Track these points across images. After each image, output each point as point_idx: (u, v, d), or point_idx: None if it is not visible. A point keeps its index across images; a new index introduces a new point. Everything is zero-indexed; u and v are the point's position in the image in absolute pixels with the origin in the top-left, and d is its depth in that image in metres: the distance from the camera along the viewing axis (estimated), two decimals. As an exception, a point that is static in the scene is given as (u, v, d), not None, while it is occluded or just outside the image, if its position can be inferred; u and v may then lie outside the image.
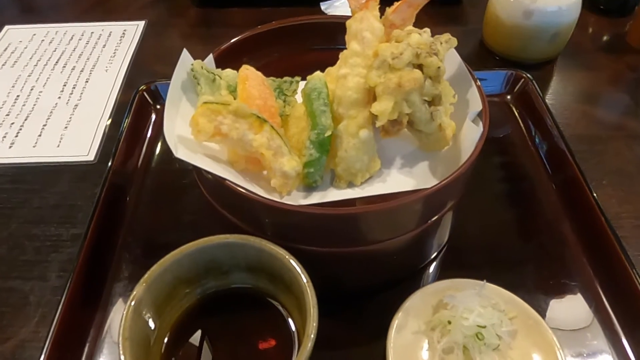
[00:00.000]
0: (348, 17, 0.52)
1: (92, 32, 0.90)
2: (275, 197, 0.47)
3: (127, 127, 0.66)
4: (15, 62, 0.83)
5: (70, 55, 0.85)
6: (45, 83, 0.79)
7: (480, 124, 0.49)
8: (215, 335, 0.44)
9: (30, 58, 0.84)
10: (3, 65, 0.83)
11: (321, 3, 0.94)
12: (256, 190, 0.46)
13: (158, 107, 0.72)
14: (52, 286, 0.54)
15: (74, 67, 0.82)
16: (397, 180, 0.51)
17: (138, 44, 0.88)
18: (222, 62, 0.57)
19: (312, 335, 0.38)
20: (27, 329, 0.51)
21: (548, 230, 0.58)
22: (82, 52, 0.85)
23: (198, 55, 0.83)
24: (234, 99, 0.50)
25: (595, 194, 0.58)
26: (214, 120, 0.45)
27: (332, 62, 0.54)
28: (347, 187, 0.50)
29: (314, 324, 0.38)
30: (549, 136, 0.66)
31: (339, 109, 0.48)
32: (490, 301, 0.47)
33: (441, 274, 0.54)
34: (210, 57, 0.57)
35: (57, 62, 0.83)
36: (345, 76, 0.49)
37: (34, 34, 0.89)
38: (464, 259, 0.56)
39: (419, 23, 0.87)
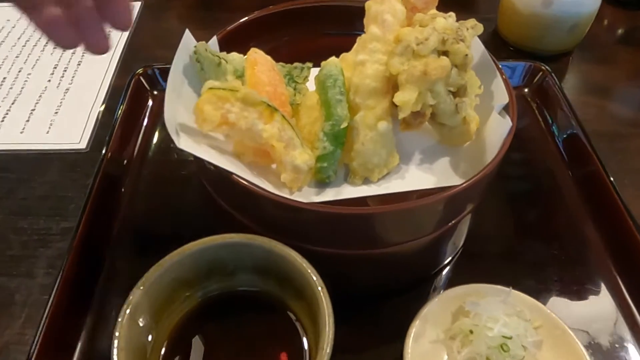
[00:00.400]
0: None
1: (85, 12, 0.84)
2: (284, 193, 0.43)
3: (122, 113, 0.62)
4: (2, 42, 0.79)
5: (62, 36, 0.79)
6: (34, 65, 0.74)
7: (508, 117, 0.46)
8: (217, 344, 0.40)
9: (19, 38, 0.79)
10: (-10, 45, 0.78)
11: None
12: (264, 185, 0.42)
13: (155, 92, 0.68)
14: (40, 284, 0.50)
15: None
16: (417, 177, 0.47)
17: (134, 25, 0.83)
18: (227, 45, 0.53)
19: (328, 349, 0.34)
20: (12, 330, 0.47)
21: (570, 232, 0.55)
22: (74, 33, 0.80)
23: (197, 39, 0.79)
24: (242, 85, 0.46)
25: (619, 193, 0.55)
26: (221, 108, 0.41)
27: (347, 48, 0.50)
28: (362, 184, 0.46)
29: (330, 337, 0.35)
30: (570, 132, 0.63)
31: (356, 98, 0.45)
32: (515, 309, 0.44)
33: (458, 278, 0.50)
34: (214, 39, 0.52)
35: (47, 42, 0.78)
36: (363, 63, 0.45)
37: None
38: (482, 262, 0.53)
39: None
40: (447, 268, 0.52)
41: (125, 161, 0.60)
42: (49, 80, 0.72)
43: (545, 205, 0.58)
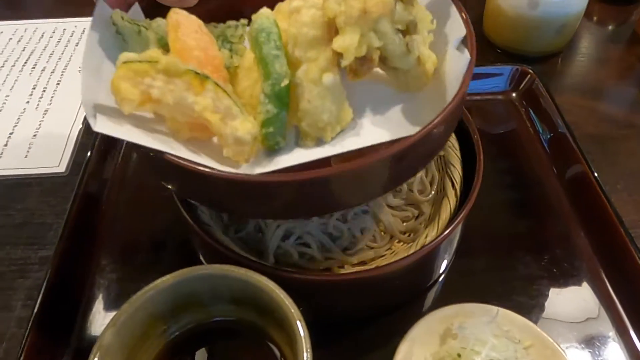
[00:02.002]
0: None
1: (64, 29, 0.83)
2: (230, 168, 0.37)
3: (101, 135, 0.60)
4: (-19, 62, 0.77)
5: (41, 54, 0.78)
6: (13, 86, 0.73)
7: (466, 51, 0.41)
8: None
9: (-3, 58, 0.78)
10: (-31, 65, 0.77)
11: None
12: (207, 162, 0.37)
13: (135, 111, 0.67)
14: (18, 317, 0.49)
15: (44, 67, 0.76)
16: (374, 131, 0.41)
17: (114, 41, 0.81)
18: (154, 11, 0.44)
19: (306, 386, 0.33)
20: (-9, 362, 0.46)
21: (561, 243, 0.54)
22: (53, 51, 0.79)
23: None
24: (167, 53, 0.39)
25: (610, 201, 0.53)
26: (140, 84, 0.35)
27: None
28: (315, 145, 0.40)
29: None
30: (559, 137, 0.62)
31: (295, 51, 0.38)
32: (503, 329, 0.42)
33: (447, 297, 0.49)
34: (137, 6, 0.45)
35: (25, 62, 0.77)
36: (298, 10, 0.39)
37: (1, 32, 0.83)
38: (471, 278, 0.51)
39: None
40: (436, 285, 0.51)
41: (104, 184, 0.59)
42: (28, 102, 0.71)
43: (535, 215, 0.57)
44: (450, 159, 0.52)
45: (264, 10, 0.39)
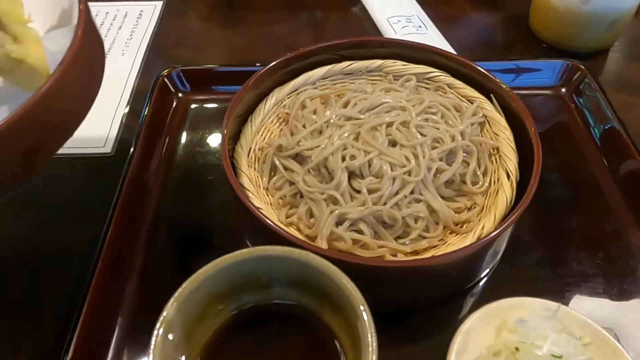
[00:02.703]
0: None
1: (106, 13, 0.84)
2: None
3: (148, 116, 0.61)
4: (26, 43, 0.78)
5: (84, 37, 0.78)
6: (58, 67, 0.73)
7: (68, 35, 0.36)
8: (250, 358, 0.39)
9: (42, 39, 0.78)
10: None
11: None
12: None
13: (180, 95, 0.67)
14: (66, 296, 0.49)
15: (89, 50, 0.76)
16: None
17: (156, 25, 0.82)
18: None
19: (373, 372, 0.32)
20: (42, 342, 0.46)
21: (616, 242, 0.52)
22: (96, 34, 0.79)
23: (218, 38, 0.78)
24: None
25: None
26: None
27: None
28: None
29: (374, 358, 0.33)
30: (612, 134, 0.60)
31: None
32: (564, 325, 0.41)
33: (498, 291, 0.48)
34: None
35: (70, 44, 0.77)
36: None
37: (46, 14, 0.83)
38: (522, 273, 0.50)
39: (460, 12, 0.81)
40: (485, 280, 0.50)
41: (151, 165, 0.59)
42: (73, 83, 0.71)
43: (587, 212, 0.55)
44: (504, 150, 0.51)
45: None
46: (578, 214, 0.55)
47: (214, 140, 0.62)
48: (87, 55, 0.37)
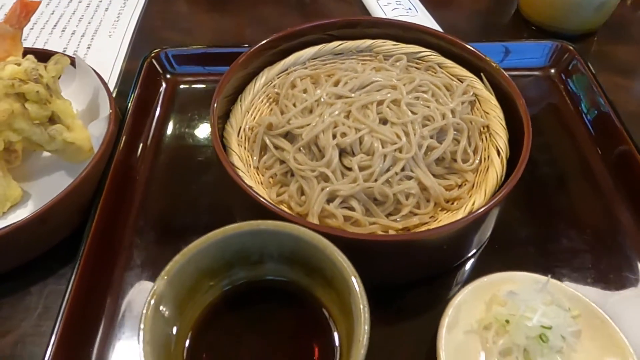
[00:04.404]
0: None
1: (92, -6, 0.82)
2: None
3: (136, 98, 0.60)
4: (9, 25, 0.76)
5: (70, 18, 0.77)
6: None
7: (105, 122, 0.52)
8: (242, 334, 0.39)
9: (32, 29, 0.77)
10: (-5, 28, 0.75)
11: None
12: None
13: (168, 76, 0.66)
14: (58, 274, 0.49)
15: (74, 31, 0.75)
16: (44, 198, 0.48)
17: (143, 8, 0.81)
18: None
19: (365, 341, 0.32)
20: (28, 322, 0.46)
21: (604, 219, 0.53)
22: (82, 16, 0.78)
23: (205, 23, 0.77)
24: None
25: (655, 178, 0.52)
26: None
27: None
28: None
29: (366, 328, 0.33)
30: (601, 114, 0.61)
31: None
32: (554, 297, 0.42)
33: (489, 266, 0.48)
34: None
35: (55, 25, 0.76)
36: None
37: (30, -4, 0.81)
38: (512, 250, 0.51)
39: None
40: (477, 256, 0.50)
41: (140, 145, 0.58)
42: (58, 65, 0.70)
43: (576, 190, 0.56)
44: (494, 128, 0.51)
45: None
46: (567, 192, 0.56)
47: (203, 120, 0.62)
48: (113, 133, 0.54)
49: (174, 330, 0.36)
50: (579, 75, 0.65)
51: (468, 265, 0.50)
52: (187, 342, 0.37)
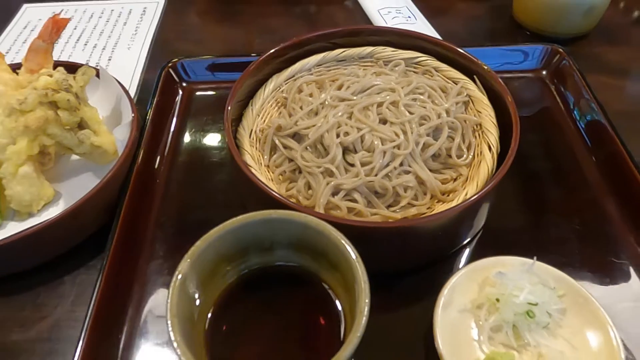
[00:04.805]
0: None
1: (112, 10, 0.88)
2: None
3: (155, 105, 0.65)
4: (36, 40, 0.82)
5: (92, 33, 0.83)
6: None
7: (128, 127, 0.58)
8: (257, 310, 0.43)
9: (51, 36, 0.82)
10: (23, 43, 0.81)
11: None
12: None
13: (184, 84, 0.71)
14: (88, 265, 0.54)
15: (96, 44, 0.81)
16: (74, 197, 0.53)
17: (159, 21, 0.86)
18: None
19: (366, 311, 0.36)
20: (62, 308, 0.50)
21: (591, 208, 0.57)
22: (102, 30, 0.83)
23: (218, 32, 0.82)
24: None
25: None
26: None
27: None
28: (29, 218, 0.55)
29: (367, 300, 0.37)
30: (589, 111, 0.64)
31: None
32: (540, 278, 0.46)
33: (482, 254, 0.52)
34: None
35: (78, 39, 0.82)
36: None
37: (53, 12, 0.87)
38: (504, 239, 0.55)
39: (447, 2, 0.85)
40: (471, 244, 0.54)
41: (159, 149, 0.63)
42: (82, 76, 0.75)
43: (565, 183, 0.60)
44: (486, 126, 0.55)
45: None
46: (557, 185, 0.59)
47: (216, 124, 0.67)
48: (136, 138, 0.59)
49: (197, 306, 0.40)
50: (569, 76, 0.69)
51: (462, 253, 0.54)
52: (209, 315, 0.41)
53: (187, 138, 0.65)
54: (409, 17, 0.83)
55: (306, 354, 0.42)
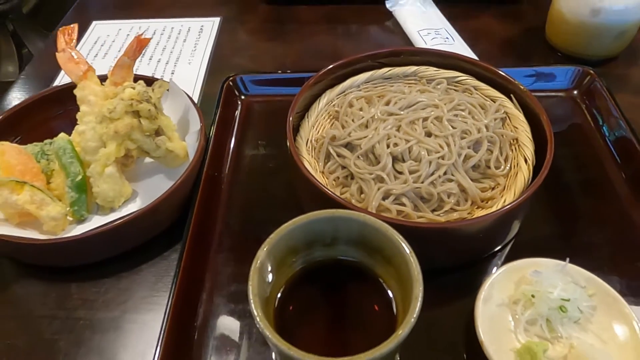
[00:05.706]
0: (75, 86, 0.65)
1: (172, 28, 0.96)
2: (49, 236, 0.58)
3: (219, 114, 0.72)
4: (106, 54, 0.91)
5: (155, 48, 0.91)
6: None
7: (197, 135, 0.65)
8: (318, 296, 0.49)
9: (119, 50, 0.91)
10: (95, 57, 0.90)
11: (386, 1, 0.99)
12: (34, 235, 0.58)
13: (243, 97, 0.78)
14: (163, 257, 0.61)
15: (159, 59, 0.89)
16: (149, 196, 0.61)
17: (215, 38, 0.94)
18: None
19: (420, 296, 0.42)
20: (143, 292, 0.57)
21: (621, 219, 0.61)
22: (165, 46, 0.92)
23: (267, 49, 0.89)
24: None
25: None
26: None
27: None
28: (110, 212, 0.63)
29: (420, 288, 0.43)
30: (618, 129, 0.69)
31: (86, 156, 0.61)
32: (572, 277, 0.51)
33: (517, 256, 0.57)
34: None
35: (143, 54, 0.90)
36: (83, 131, 0.62)
37: (120, 29, 0.96)
38: (538, 243, 0.60)
39: (483, 24, 0.91)
40: (507, 248, 0.59)
41: (224, 155, 0.70)
42: (149, 87, 0.83)
43: (596, 195, 0.64)
44: (522, 140, 0.61)
45: (61, 135, 0.63)
46: (588, 196, 0.64)
47: (273, 134, 0.73)
48: (203, 145, 0.66)
49: (269, 287, 0.47)
50: (599, 97, 0.74)
51: (500, 255, 0.59)
52: (279, 296, 0.48)
53: (247, 146, 0.72)
54: (447, 38, 0.89)
55: (361, 334, 0.48)
